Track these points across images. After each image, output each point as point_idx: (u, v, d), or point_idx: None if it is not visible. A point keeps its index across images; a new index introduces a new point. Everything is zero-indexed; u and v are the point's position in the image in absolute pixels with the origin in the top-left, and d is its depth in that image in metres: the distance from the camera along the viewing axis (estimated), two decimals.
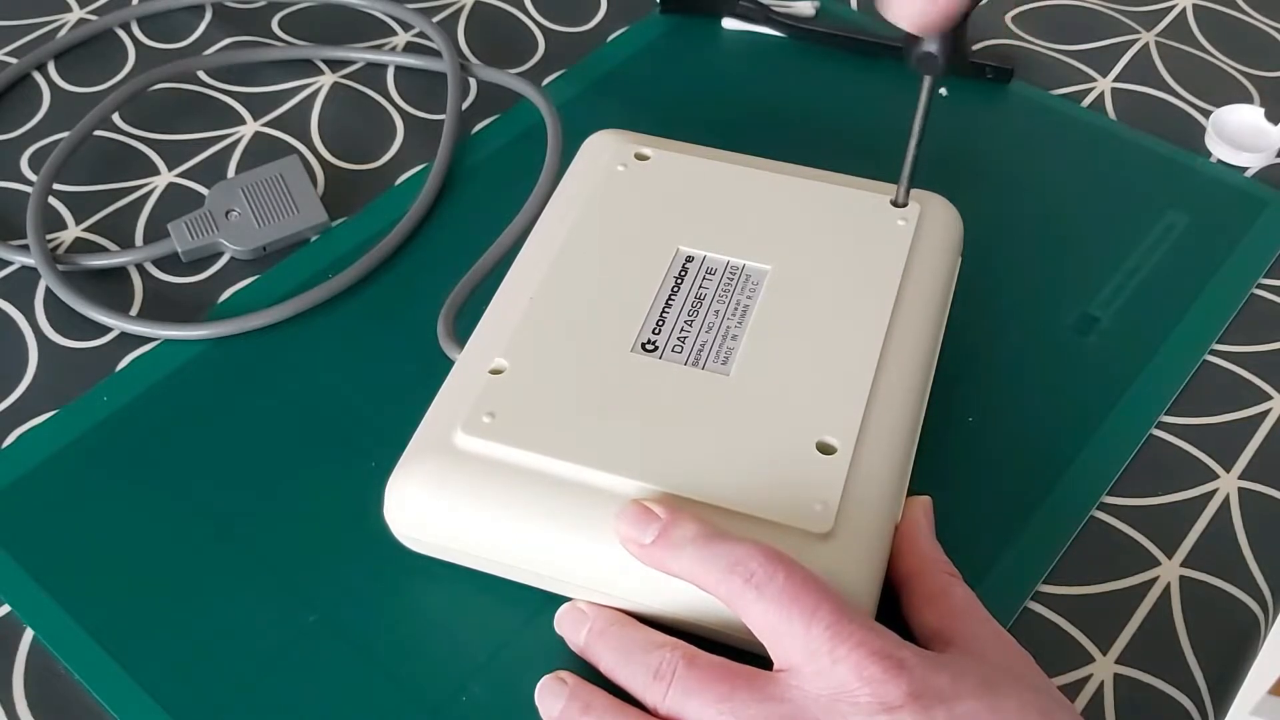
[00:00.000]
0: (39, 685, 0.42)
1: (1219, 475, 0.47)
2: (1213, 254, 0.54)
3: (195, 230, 0.54)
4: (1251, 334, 0.52)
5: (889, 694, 0.35)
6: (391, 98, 0.62)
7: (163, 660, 0.42)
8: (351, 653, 0.42)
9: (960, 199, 0.51)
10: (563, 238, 0.48)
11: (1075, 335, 0.51)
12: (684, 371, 0.44)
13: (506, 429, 0.42)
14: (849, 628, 0.36)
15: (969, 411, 0.48)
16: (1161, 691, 0.42)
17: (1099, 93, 0.62)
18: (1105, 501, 0.46)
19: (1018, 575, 0.44)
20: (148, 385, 0.49)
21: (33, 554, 0.44)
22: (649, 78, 0.62)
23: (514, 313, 0.46)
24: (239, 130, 0.60)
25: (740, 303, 0.46)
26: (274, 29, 0.65)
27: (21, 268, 0.54)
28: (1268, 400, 0.50)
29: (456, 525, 0.42)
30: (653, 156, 0.51)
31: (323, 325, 0.52)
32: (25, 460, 0.47)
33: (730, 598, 0.37)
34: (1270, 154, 0.59)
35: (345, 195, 0.57)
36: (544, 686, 0.39)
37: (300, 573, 0.44)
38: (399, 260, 0.54)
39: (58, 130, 0.60)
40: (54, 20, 0.65)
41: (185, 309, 0.52)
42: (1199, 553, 0.45)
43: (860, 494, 0.41)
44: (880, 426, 0.42)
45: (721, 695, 0.36)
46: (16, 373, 0.50)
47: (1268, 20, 0.67)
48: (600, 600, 0.41)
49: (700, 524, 0.39)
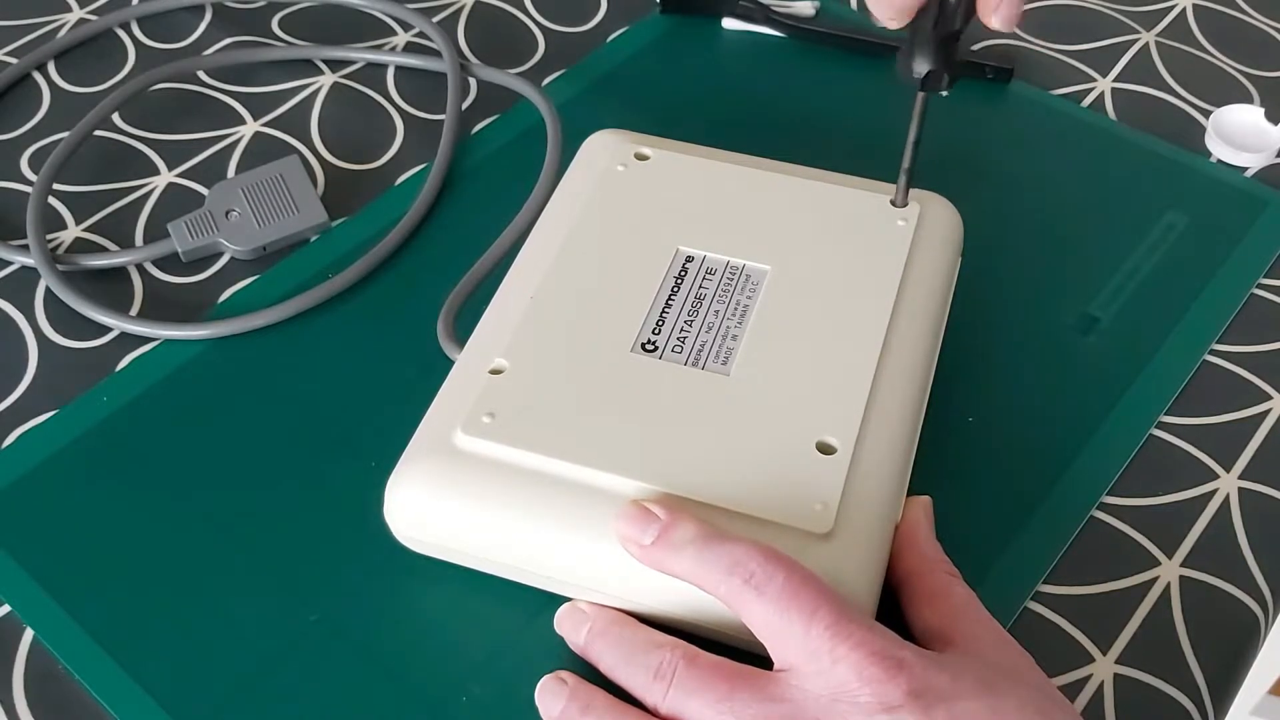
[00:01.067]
0: (39, 685, 0.42)
1: (1219, 475, 0.47)
2: (1213, 254, 0.54)
3: (195, 230, 0.54)
4: (1251, 334, 0.52)
5: (889, 694, 0.35)
6: (391, 98, 0.62)
7: (163, 660, 0.42)
8: (351, 653, 0.42)
9: (960, 199, 0.51)
10: (563, 238, 0.48)
11: (1075, 335, 0.51)
12: (684, 371, 0.44)
13: (506, 429, 0.42)
14: (849, 628, 0.36)
15: (969, 411, 0.48)
16: (1161, 691, 0.42)
17: (1099, 93, 0.62)
18: (1105, 501, 0.46)
19: (1018, 575, 0.44)
20: (148, 385, 0.49)
21: (33, 554, 0.44)
22: (649, 78, 0.62)
23: (514, 313, 0.46)
24: (239, 130, 0.60)
25: (740, 303, 0.46)
26: (274, 29, 0.65)
27: (21, 268, 0.54)
28: (1268, 400, 0.50)
29: (456, 525, 0.42)
30: (653, 156, 0.51)
31: (323, 325, 0.52)
32: (25, 460, 0.47)
33: (730, 598, 0.37)
34: (1270, 154, 0.59)
35: (345, 195, 0.57)
36: (544, 686, 0.39)
37: (300, 573, 0.44)
38: (399, 260, 0.54)
39: (58, 130, 0.60)
40: (54, 20, 0.65)
41: (185, 309, 0.52)
42: (1199, 553, 0.45)
43: (860, 494, 0.41)
44: (880, 426, 0.42)
45: (722, 695, 0.37)
46: (16, 373, 0.50)
47: (1268, 20, 0.67)
48: (600, 600, 0.41)
49: (700, 524, 0.39)
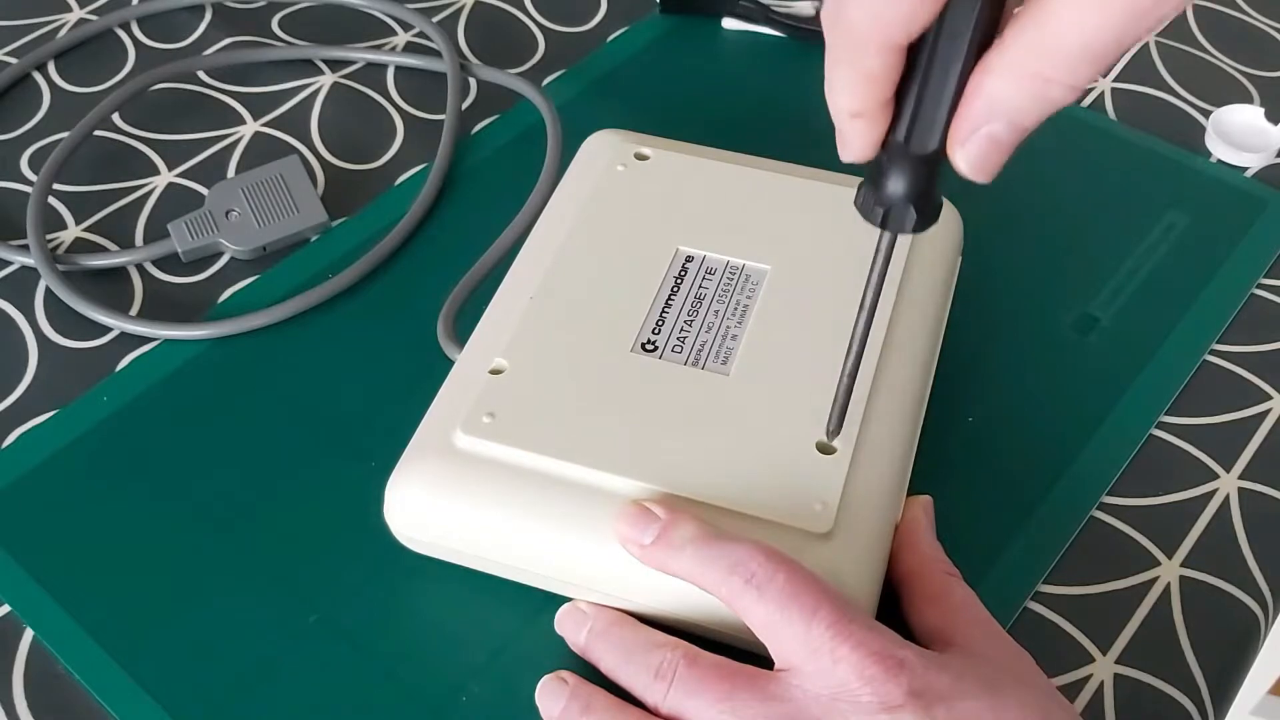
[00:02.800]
0: (39, 685, 0.42)
1: (1219, 475, 0.47)
2: (1213, 254, 0.54)
3: (195, 230, 0.54)
4: (1251, 334, 0.52)
5: (890, 693, 0.35)
6: (391, 98, 0.61)
7: (163, 660, 0.42)
8: (351, 653, 0.42)
9: (960, 199, 0.51)
10: (562, 238, 0.48)
11: (1075, 335, 0.51)
12: (684, 371, 0.44)
13: (506, 429, 0.42)
14: (849, 627, 0.36)
15: (969, 411, 0.48)
16: (1161, 691, 0.42)
17: (1099, 93, 0.62)
18: (1105, 501, 0.46)
19: (1018, 575, 0.44)
20: (148, 385, 0.49)
21: (33, 554, 0.44)
22: (649, 78, 0.62)
23: (514, 313, 0.46)
24: (239, 130, 0.60)
25: (740, 303, 0.46)
26: (274, 29, 0.65)
27: (21, 268, 0.54)
28: (1268, 400, 0.50)
29: (456, 525, 0.42)
30: (652, 156, 0.51)
31: (323, 325, 0.52)
32: (25, 460, 0.47)
33: (731, 598, 0.37)
34: (1270, 154, 0.59)
35: (345, 195, 0.57)
36: (544, 686, 0.39)
37: (300, 573, 0.44)
38: (399, 260, 0.54)
39: (58, 130, 0.59)
40: (54, 20, 0.65)
41: (185, 309, 0.52)
42: (1199, 553, 0.45)
43: (860, 494, 0.41)
44: (880, 426, 0.42)
45: (722, 695, 0.37)
46: (16, 373, 0.50)
47: (1268, 20, 0.67)
48: (600, 600, 0.41)
49: (700, 524, 0.39)
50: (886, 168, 0.33)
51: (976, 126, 0.30)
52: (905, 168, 0.33)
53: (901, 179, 0.33)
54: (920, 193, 0.33)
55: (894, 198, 0.33)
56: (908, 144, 0.32)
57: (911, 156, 0.33)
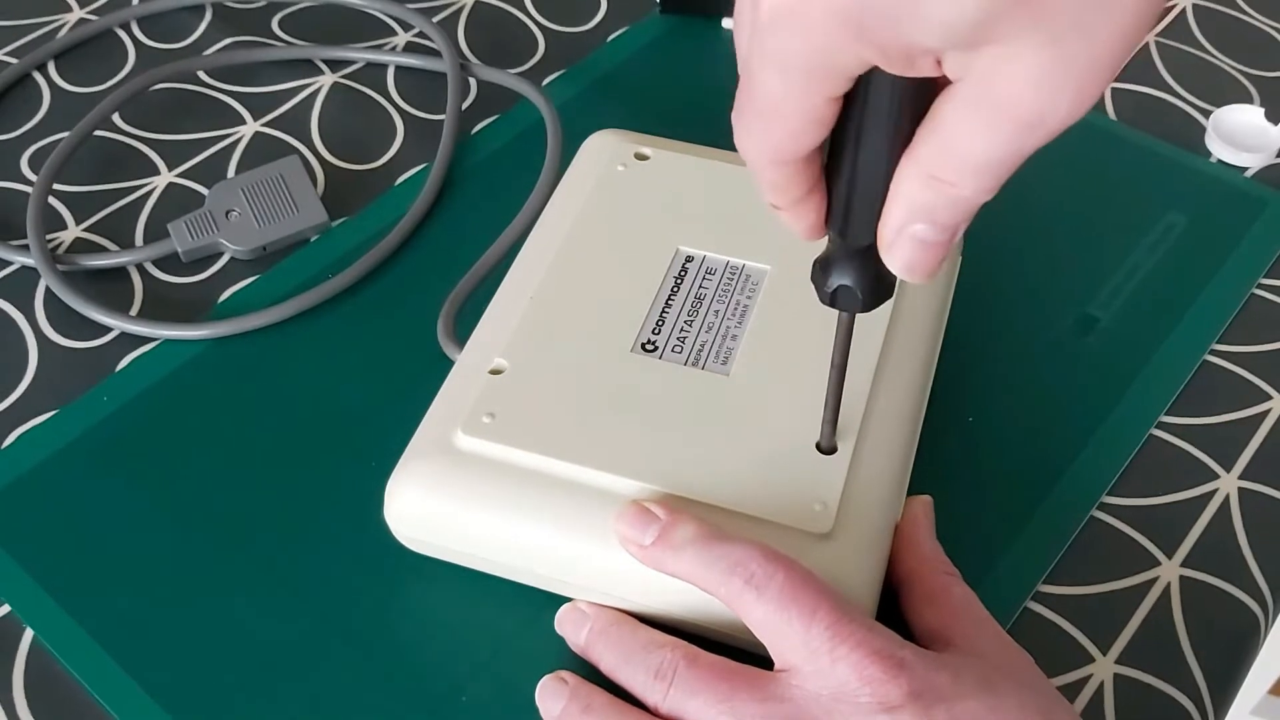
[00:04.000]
0: (39, 685, 0.42)
1: (1219, 475, 0.47)
2: (1213, 254, 0.54)
3: (195, 230, 0.54)
4: (1251, 334, 0.52)
5: (889, 693, 0.35)
6: (391, 98, 0.62)
7: (163, 660, 0.42)
8: (351, 653, 0.42)
9: None
10: (563, 238, 0.48)
11: (1075, 335, 0.51)
12: (684, 371, 0.44)
13: (506, 429, 0.42)
14: (849, 627, 0.36)
15: (969, 411, 0.48)
16: (1161, 691, 0.42)
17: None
18: (1105, 501, 0.46)
19: (1018, 575, 0.44)
20: (148, 385, 0.49)
21: (33, 554, 0.44)
22: (649, 78, 0.62)
23: (514, 313, 0.46)
24: (239, 130, 0.60)
25: (740, 303, 0.46)
26: (274, 29, 0.65)
27: (21, 268, 0.54)
28: (1268, 400, 0.50)
29: (456, 526, 0.42)
30: (652, 156, 0.51)
31: (323, 325, 0.52)
32: (25, 460, 0.47)
33: (730, 598, 0.37)
34: (1270, 154, 0.59)
35: (345, 195, 0.57)
36: (544, 686, 0.39)
37: (300, 573, 0.44)
38: (399, 260, 0.54)
39: (58, 130, 0.59)
40: (54, 20, 0.65)
41: (185, 309, 0.52)
42: (1199, 553, 0.45)
43: (860, 494, 0.41)
44: (880, 426, 0.42)
45: (722, 695, 0.37)
46: (16, 373, 0.50)
47: (1268, 20, 0.67)
48: (601, 600, 0.41)
49: (700, 525, 0.39)
50: (831, 252, 0.34)
51: (900, 228, 0.30)
52: (845, 256, 0.33)
53: (845, 267, 0.33)
54: (867, 276, 0.33)
55: (839, 282, 0.34)
56: (843, 238, 0.33)
57: (849, 248, 0.33)
